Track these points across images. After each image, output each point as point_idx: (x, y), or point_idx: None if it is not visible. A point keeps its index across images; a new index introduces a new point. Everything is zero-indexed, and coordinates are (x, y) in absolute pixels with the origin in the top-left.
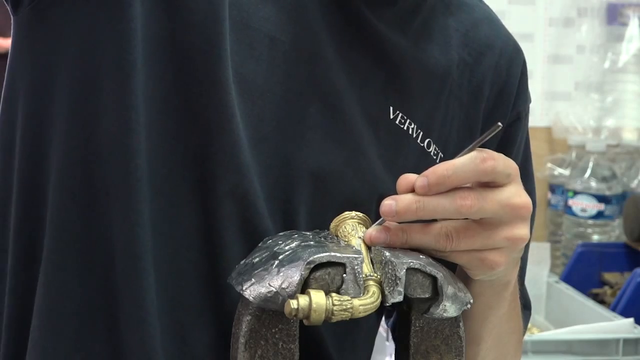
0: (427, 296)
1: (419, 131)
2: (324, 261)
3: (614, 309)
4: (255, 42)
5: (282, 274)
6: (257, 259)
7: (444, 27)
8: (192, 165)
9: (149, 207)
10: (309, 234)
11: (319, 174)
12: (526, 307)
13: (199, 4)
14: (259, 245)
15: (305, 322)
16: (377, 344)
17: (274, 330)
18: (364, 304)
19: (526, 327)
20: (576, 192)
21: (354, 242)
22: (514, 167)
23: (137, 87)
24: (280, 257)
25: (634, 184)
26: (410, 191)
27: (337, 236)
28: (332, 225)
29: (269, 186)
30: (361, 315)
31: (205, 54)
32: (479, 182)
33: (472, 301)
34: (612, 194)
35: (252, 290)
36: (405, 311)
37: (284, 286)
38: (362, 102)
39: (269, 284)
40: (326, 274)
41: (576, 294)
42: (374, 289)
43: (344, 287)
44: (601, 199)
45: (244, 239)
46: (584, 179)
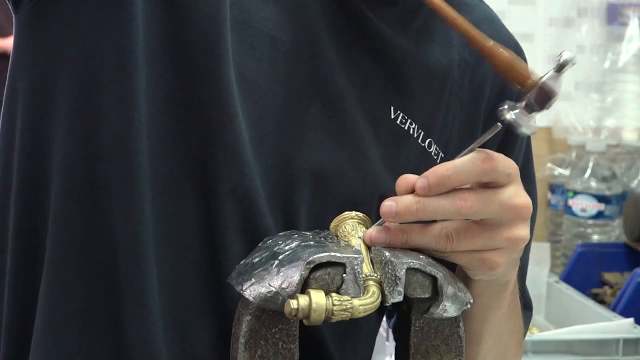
0: (427, 296)
1: (420, 131)
2: (324, 261)
3: (614, 309)
4: (256, 41)
5: (282, 274)
6: (257, 259)
7: (445, 27)
8: (193, 164)
9: (151, 206)
10: (309, 234)
11: (320, 173)
12: (527, 308)
13: (200, 3)
14: (259, 245)
15: (305, 322)
16: (377, 344)
17: (274, 330)
18: (364, 304)
19: (527, 328)
20: (576, 192)
21: (354, 242)
22: (514, 167)
23: (138, 86)
24: (280, 257)
25: (634, 184)
26: (409, 192)
27: (337, 236)
28: (332, 225)
29: (269, 186)
30: (361, 315)
31: (206, 53)
32: (479, 183)
33: (472, 301)
34: (612, 194)
35: (252, 290)
36: (405, 311)
37: (284, 286)
38: (363, 102)
39: (269, 284)
40: (326, 274)
41: (576, 294)
42: (374, 289)
43: (344, 287)
44: (601, 199)
45: (246, 239)
46: (584, 179)
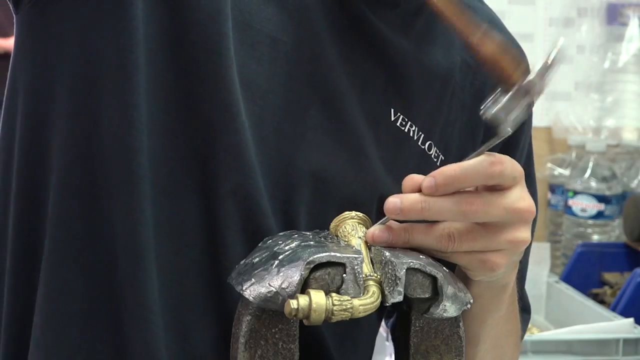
0: (427, 296)
1: (420, 133)
2: (324, 261)
3: (614, 309)
4: (256, 42)
5: (282, 274)
6: (257, 259)
7: (447, 30)
8: (194, 164)
9: (151, 205)
10: (309, 234)
11: (320, 174)
12: (525, 311)
13: (202, 3)
14: (259, 245)
15: (305, 322)
16: (377, 344)
17: (274, 330)
18: (364, 304)
19: (525, 330)
20: (576, 192)
21: (354, 242)
22: (520, 170)
23: (138, 86)
24: (280, 257)
25: (634, 184)
26: (415, 191)
27: (337, 236)
28: (332, 225)
29: (269, 186)
30: (361, 315)
31: (208, 53)
32: (484, 185)
33: (472, 301)
34: (612, 194)
35: (252, 290)
36: (405, 311)
37: (284, 286)
38: (363, 104)
39: (269, 284)
40: (326, 274)
41: (576, 294)
42: (374, 289)
43: (344, 287)
44: (601, 199)
45: (246, 238)
46: (584, 179)
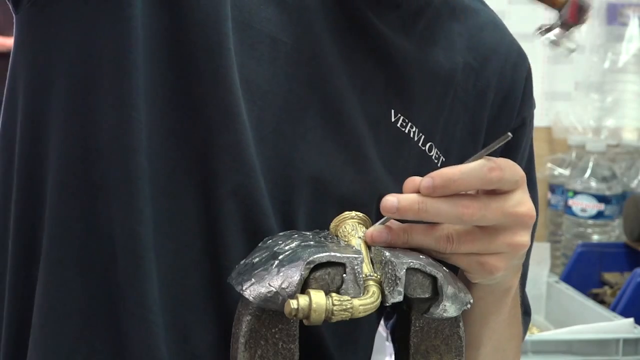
0: (427, 296)
1: (421, 135)
2: (324, 261)
3: (614, 309)
4: (256, 42)
5: (282, 274)
6: (257, 259)
7: (448, 31)
8: (194, 164)
9: (150, 205)
10: (308, 234)
11: (319, 175)
12: (526, 314)
13: (202, 3)
14: (259, 245)
15: (305, 322)
16: (377, 344)
17: (274, 330)
18: (364, 304)
19: (525, 333)
20: (576, 192)
21: (354, 242)
22: (521, 174)
23: (137, 86)
24: (280, 257)
25: (634, 184)
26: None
27: (337, 236)
28: (332, 225)
29: (269, 186)
30: (361, 315)
31: (208, 53)
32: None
33: (472, 301)
34: (612, 194)
35: (252, 290)
36: (405, 311)
37: (284, 286)
38: (363, 105)
39: (269, 284)
40: (326, 274)
41: (576, 294)
42: (374, 289)
43: (344, 287)
44: (601, 199)
45: (246, 238)
46: (584, 179)
